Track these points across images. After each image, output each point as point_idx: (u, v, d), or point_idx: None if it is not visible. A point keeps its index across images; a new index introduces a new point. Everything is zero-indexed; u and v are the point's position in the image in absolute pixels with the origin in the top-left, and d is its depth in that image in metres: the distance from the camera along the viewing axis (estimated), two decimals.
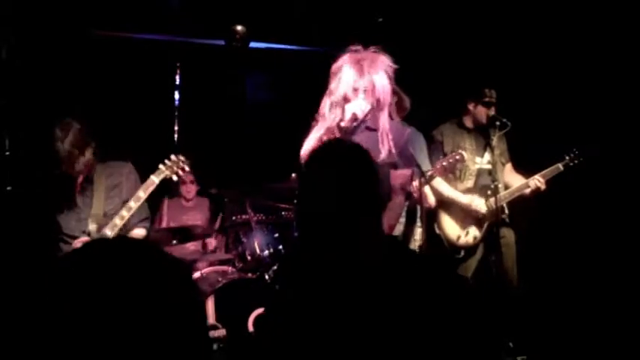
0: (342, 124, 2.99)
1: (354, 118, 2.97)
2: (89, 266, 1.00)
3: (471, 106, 4.18)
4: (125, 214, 3.22)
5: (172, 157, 3.36)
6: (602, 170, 4.30)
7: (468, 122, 4.22)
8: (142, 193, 3.25)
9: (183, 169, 3.37)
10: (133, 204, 3.23)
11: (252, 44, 5.11)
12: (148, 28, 5.05)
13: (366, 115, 3.00)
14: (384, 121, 3.02)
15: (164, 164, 3.34)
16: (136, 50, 5.12)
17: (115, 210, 3.32)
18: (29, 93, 4.45)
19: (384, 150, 2.95)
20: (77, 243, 3.27)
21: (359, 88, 2.99)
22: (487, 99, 4.10)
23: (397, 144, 3.03)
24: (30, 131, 4.12)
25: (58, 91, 4.48)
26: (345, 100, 3.01)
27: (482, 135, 4.17)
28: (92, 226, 3.27)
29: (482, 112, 4.12)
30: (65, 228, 3.32)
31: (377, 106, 3.00)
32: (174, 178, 3.37)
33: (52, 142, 3.18)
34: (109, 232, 3.22)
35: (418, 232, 3.88)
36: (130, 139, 4.45)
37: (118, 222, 3.23)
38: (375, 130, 3.03)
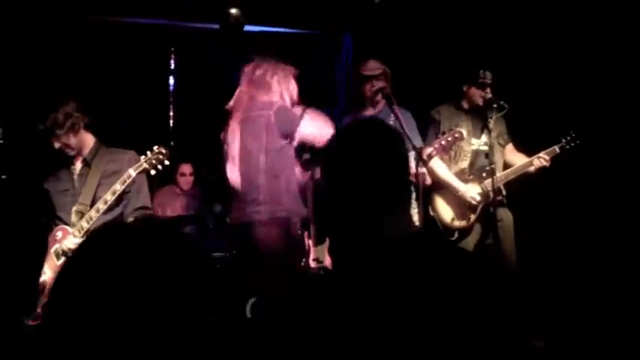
0: None
1: None
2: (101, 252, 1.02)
3: (465, 88, 4.18)
4: (101, 206, 3.19)
5: (155, 148, 3.29)
6: (602, 149, 4.29)
7: (465, 104, 4.23)
8: (119, 186, 3.20)
9: (163, 164, 3.29)
10: (110, 197, 3.19)
11: (247, 27, 5.05)
12: (141, 12, 4.99)
13: None
14: None
15: (145, 156, 3.28)
16: (130, 35, 5.06)
17: None
18: (21, 80, 4.41)
19: None
20: (57, 231, 3.26)
21: None
22: (481, 80, 4.09)
23: None
24: (22, 119, 4.10)
25: (50, 78, 4.44)
26: None
27: (479, 117, 4.17)
28: (74, 218, 3.25)
29: (476, 94, 4.13)
30: (59, 209, 3.32)
31: None
32: (152, 172, 3.29)
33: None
34: (85, 224, 3.19)
35: (414, 214, 3.89)
36: (124, 125, 4.42)
37: (93, 214, 3.20)
38: None
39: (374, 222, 1.46)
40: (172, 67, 5.08)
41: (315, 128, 3.43)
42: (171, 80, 5.05)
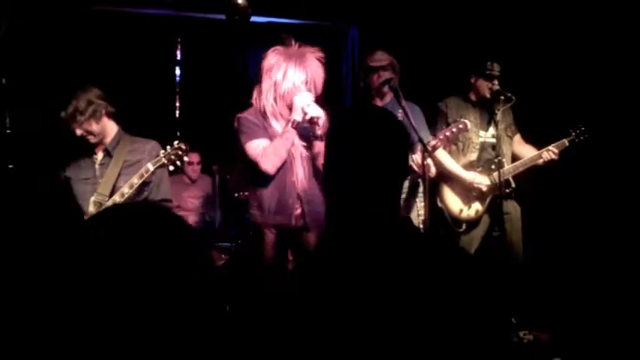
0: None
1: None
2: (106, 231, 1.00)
3: (473, 80, 4.18)
4: (118, 199, 3.18)
5: (175, 143, 3.27)
6: (610, 142, 4.28)
7: (473, 96, 4.23)
8: (137, 180, 3.19)
9: (182, 159, 3.28)
10: (127, 190, 3.18)
11: (254, 18, 5.03)
12: (147, 3, 4.98)
13: None
14: None
15: (164, 151, 3.26)
16: (136, 25, 5.05)
17: None
18: (29, 70, 4.41)
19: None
20: None
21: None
22: (488, 72, 4.09)
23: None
24: (30, 108, 4.11)
25: (57, 68, 4.44)
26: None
27: (487, 109, 4.17)
28: (92, 207, 3.24)
29: (483, 86, 4.13)
30: (79, 198, 3.32)
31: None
32: (171, 168, 3.28)
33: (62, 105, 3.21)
34: None
35: (421, 207, 3.89)
36: (131, 116, 4.41)
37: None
38: None
39: (372, 200, 1.48)
40: (178, 57, 5.07)
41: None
42: (178, 71, 5.04)
